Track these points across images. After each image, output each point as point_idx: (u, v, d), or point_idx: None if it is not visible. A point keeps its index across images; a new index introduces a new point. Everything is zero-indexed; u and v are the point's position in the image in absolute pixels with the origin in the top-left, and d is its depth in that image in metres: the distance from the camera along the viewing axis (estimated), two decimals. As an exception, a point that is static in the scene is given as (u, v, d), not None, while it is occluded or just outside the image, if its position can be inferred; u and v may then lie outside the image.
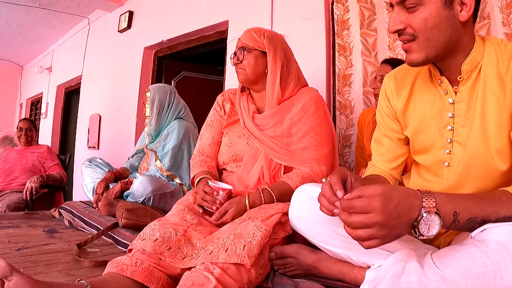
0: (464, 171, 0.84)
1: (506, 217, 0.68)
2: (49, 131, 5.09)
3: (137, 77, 3.39)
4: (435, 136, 0.88)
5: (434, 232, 0.64)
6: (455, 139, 0.85)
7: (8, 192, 2.60)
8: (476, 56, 0.81)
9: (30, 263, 1.19)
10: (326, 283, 0.96)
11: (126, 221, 1.54)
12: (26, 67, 6.39)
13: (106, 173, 2.03)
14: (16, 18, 4.23)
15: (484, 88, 0.80)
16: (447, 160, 0.87)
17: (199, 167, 1.38)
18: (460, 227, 0.68)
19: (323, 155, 1.31)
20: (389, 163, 1.02)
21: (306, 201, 0.99)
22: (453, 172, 0.86)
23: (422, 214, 0.63)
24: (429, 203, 0.64)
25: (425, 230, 0.64)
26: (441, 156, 0.88)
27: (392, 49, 1.84)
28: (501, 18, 1.51)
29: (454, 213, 0.66)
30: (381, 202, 0.62)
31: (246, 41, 1.37)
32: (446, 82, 0.85)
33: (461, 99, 0.84)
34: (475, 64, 0.81)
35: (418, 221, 0.64)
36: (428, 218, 0.63)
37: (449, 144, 0.86)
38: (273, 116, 1.35)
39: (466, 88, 0.83)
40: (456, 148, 0.85)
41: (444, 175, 0.88)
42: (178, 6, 3.10)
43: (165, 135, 2.04)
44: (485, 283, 0.61)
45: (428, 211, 0.64)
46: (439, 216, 0.64)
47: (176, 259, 0.97)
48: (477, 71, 0.81)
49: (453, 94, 0.85)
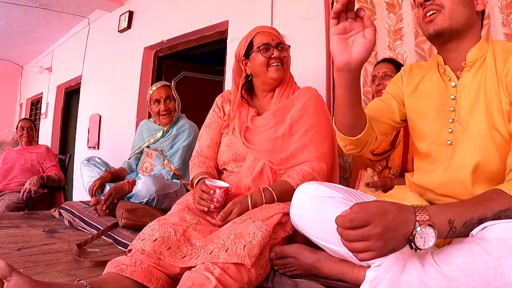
0: (466, 149, 0.87)
1: (502, 211, 0.69)
2: (49, 131, 5.09)
3: (137, 77, 3.39)
4: (439, 118, 0.93)
5: (430, 244, 0.65)
6: (457, 119, 0.90)
7: (7, 193, 2.60)
8: (482, 48, 0.89)
9: (30, 263, 1.19)
10: (326, 283, 0.96)
11: (126, 221, 1.54)
12: (26, 67, 6.39)
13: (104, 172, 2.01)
14: (16, 18, 4.24)
15: (486, 78, 0.87)
16: (450, 139, 0.91)
17: (198, 168, 1.38)
18: (458, 234, 0.69)
19: (323, 153, 1.31)
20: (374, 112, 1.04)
21: (307, 199, 0.99)
22: (455, 149, 0.90)
23: (416, 228, 0.65)
24: (422, 216, 0.66)
25: (421, 243, 0.65)
26: (444, 136, 0.92)
27: (392, 49, 1.84)
28: (501, 18, 1.51)
29: (449, 220, 0.68)
30: (379, 214, 0.64)
31: (281, 39, 1.37)
32: (449, 69, 0.93)
33: (463, 83, 0.90)
34: (480, 54, 0.89)
35: (414, 235, 0.65)
36: (423, 231, 0.65)
37: (451, 124, 0.91)
38: (274, 116, 1.35)
39: (470, 74, 0.90)
40: (457, 127, 0.90)
41: (448, 153, 0.91)
42: (178, 6, 3.10)
43: (174, 134, 2.04)
44: (486, 280, 0.62)
45: (422, 224, 0.65)
46: (433, 228, 0.65)
47: (175, 258, 0.97)
48: (481, 61, 0.89)
49: (455, 78, 0.92)
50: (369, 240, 0.64)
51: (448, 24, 0.86)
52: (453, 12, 0.85)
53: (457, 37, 0.88)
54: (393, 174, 1.59)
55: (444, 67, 0.94)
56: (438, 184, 0.93)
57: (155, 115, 2.10)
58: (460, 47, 0.90)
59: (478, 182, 0.86)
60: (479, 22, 0.91)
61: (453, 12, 0.85)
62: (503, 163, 0.83)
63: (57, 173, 2.85)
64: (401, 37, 1.80)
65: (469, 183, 0.86)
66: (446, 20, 0.86)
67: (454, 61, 0.92)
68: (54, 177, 2.76)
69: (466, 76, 0.90)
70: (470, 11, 0.87)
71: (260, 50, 1.33)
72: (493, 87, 0.85)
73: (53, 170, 2.86)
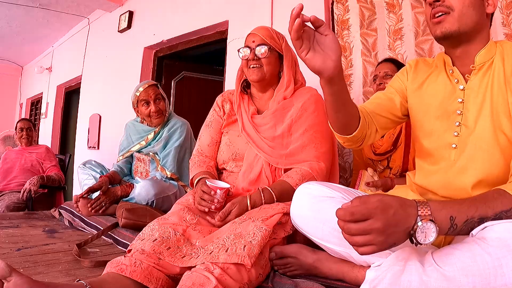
0: (471, 153, 0.87)
1: (504, 211, 0.69)
2: (49, 131, 5.09)
3: (137, 77, 3.39)
4: (444, 120, 0.92)
5: (431, 239, 0.65)
6: (463, 123, 0.89)
7: (7, 193, 2.60)
8: (490, 50, 0.88)
9: (30, 263, 1.19)
10: (326, 283, 0.96)
11: (126, 221, 1.54)
12: (26, 67, 6.39)
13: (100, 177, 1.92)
14: (16, 18, 4.23)
15: (493, 81, 0.86)
16: (455, 142, 0.90)
17: (198, 168, 1.38)
18: (459, 231, 0.69)
19: (322, 152, 1.31)
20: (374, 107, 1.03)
21: (308, 199, 0.99)
22: (460, 153, 0.89)
23: (417, 222, 0.65)
24: (424, 211, 0.66)
25: (421, 238, 0.65)
26: (449, 139, 0.91)
27: (392, 49, 1.84)
28: (501, 18, 1.51)
29: (451, 217, 0.67)
30: (381, 209, 0.64)
31: (266, 39, 1.34)
32: (457, 72, 0.91)
33: (471, 87, 0.89)
34: (489, 57, 0.87)
35: (415, 229, 0.65)
36: (424, 226, 0.65)
37: (457, 127, 0.90)
38: (274, 115, 1.35)
39: (477, 77, 0.88)
40: (463, 131, 0.89)
41: (451, 157, 0.90)
42: (178, 6, 3.10)
43: (166, 136, 1.97)
44: (486, 280, 0.62)
45: (424, 219, 0.65)
46: (434, 224, 0.65)
47: (175, 258, 0.97)
48: (489, 63, 0.87)
49: (463, 81, 0.90)
50: (370, 234, 0.64)
51: (457, 28, 0.84)
52: (463, 16, 0.83)
53: (465, 40, 0.87)
54: (394, 174, 1.59)
55: (452, 68, 0.92)
56: (440, 186, 0.92)
57: (145, 117, 2.00)
58: (468, 49, 0.88)
59: (481, 187, 0.85)
60: (488, 24, 0.89)
61: (463, 15, 0.83)
62: (507, 166, 0.82)
63: (57, 173, 2.85)
64: (401, 37, 1.80)
65: (470, 188, 0.86)
66: (455, 23, 0.84)
67: (462, 63, 0.90)
68: (54, 177, 2.76)
69: (474, 79, 0.88)
70: (480, 13, 0.85)
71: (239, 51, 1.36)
72: (500, 90, 0.84)
73: (53, 170, 2.86)
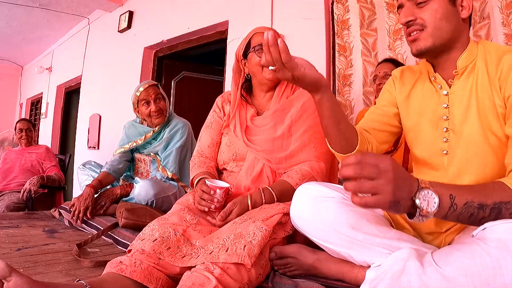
0: (463, 158, 0.87)
1: (503, 202, 0.69)
2: (49, 131, 5.09)
3: (137, 77, 3.39)
4: (432, 127, 0.92)
5: (433, 209, 0.65)
6: (451, 128, 0.89)
7: (7, 193, 2.60)
8: (472, 52, 0.88)
9: (30, 263, 1.19)
10: (326, 283, 0.96)
11: (126, 221, 1.54)
12: (26, 67, 6.39)
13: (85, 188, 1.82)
14: (16, 18, 4.24)
15: (477, 83, 0.85)
16: (445, 149, 0.90)
17: (198, 168, 1.38)
18: (458, 214, 0.68)
19: (322, 152, 1.31)
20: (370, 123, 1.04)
21: (307, 199, 0.99)
22: (451, 158, 0.89)
23: (420, 190, 0.65)
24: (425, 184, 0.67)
25: (424, 205, 0.65)
26: (439, 146, 0.91)
27: (392, 49, 1.84)
28: (501, 18, 1.51)
29: (450, 195, 0.68)
30: (391, 160, 0.63)
31: None
32: (440, 78, 0.91)
33: (455, 91, 0.89)
34: (470, 60, 0.87)
35: (417, 196, 0.65)
36: (426, 193, 0.65)
37: (445, 133, 0.90)
38: (274, 115, 1.35)
39: (461, 81, 0.88)
40: (452, 136, 0.89)
41: (445, 163, 0.91)
42: (178, 6, 3.10)
43: (167, 137, 1.96)
44: (485, 280, 0.62)
45: (424, 186, 0.65)
46: (436, 194, 0.65)
47: (175, 258, 0.97)
48: (471, 66, 0.87)
49: (447, 86, 0.90)
50: (379, 179, 0.61)
51: (431, 43, 0.85)
52: (436, 31, 0.84)
53: (444, 50, 0.87)
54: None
55: (435, 75, 0.92)
56: None
57: (146, 117, 1.99)
58: (449, 57, 0.89)
59: None
60: (466, 27, 0.89)
61: (436, 30, 0.84)
62: (501, 166, 0.82)
63: (57, 173, 2.85)
64: (401, 37, 1.80)
65: None
66: (429, 38, 0.85)
67: (445, 70, 0.90)
68: (54, 177, 2.76)
69: (457, 83, 0.88)
70: (455, 22, 0.85)
71: (255, 50, 1.33)
72: (485, 91, 0.83)
73: (53, 170, 2.86)
